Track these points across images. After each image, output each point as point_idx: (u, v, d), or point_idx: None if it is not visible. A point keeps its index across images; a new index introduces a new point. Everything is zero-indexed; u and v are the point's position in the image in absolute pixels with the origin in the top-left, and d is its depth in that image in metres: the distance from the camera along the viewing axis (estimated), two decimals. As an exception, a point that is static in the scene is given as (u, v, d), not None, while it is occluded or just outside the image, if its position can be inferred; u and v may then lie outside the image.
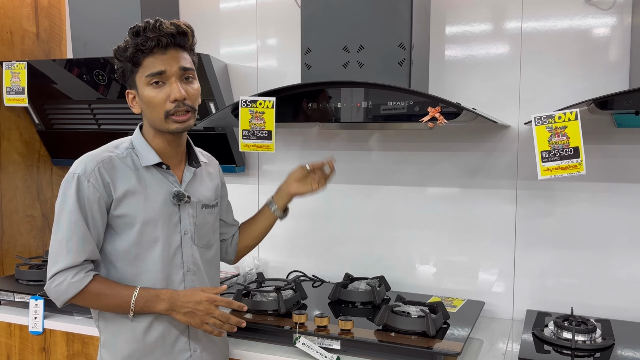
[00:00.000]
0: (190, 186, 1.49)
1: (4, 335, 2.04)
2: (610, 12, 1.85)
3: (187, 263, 1.47)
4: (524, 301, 1.99)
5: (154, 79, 1.35)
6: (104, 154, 1.41)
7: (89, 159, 1.39)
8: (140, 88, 1.38)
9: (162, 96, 1.36)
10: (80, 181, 1.36)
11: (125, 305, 1.36)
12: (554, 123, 1.43)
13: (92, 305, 1.40)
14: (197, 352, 1.48)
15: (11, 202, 2.49)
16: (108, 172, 1.38)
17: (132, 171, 1.41)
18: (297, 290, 1.94)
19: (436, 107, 1.59)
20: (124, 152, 1.43)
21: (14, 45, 2.46)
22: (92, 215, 1.36)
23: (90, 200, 1.36)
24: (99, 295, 1.36)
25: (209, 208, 1.54)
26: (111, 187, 1.37)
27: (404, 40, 1.73)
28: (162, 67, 1.35)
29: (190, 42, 1.41)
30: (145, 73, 1.36)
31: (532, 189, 1.97)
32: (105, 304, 1.38)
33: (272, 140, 1.79)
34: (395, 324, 1.64)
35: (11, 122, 2.48)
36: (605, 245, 1.89)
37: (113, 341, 1.44)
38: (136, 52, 1.35)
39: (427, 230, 2.12)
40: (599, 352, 1.56)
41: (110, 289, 1.37)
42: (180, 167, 1.50)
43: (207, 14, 2.39)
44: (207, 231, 1.54)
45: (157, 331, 1.43)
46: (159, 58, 1.35)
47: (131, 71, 1.39)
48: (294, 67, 2.23)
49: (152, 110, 1.38)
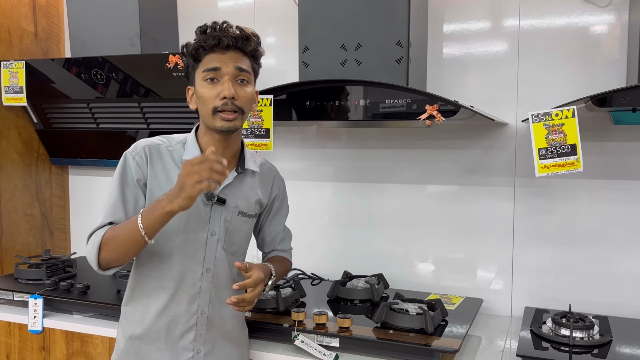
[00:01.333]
0: (229, 190, 1.49)
1: (4, 334, 2.04)
2: (608, 9, 1.85)
3: (208, 263, 1.47)
4: (522, 298, 2.00)
5: (209, 74, 1.39)
6: (156, 141, 1.48)
7: (141, 142, 1.47)
8: (197, 83, 1.42)
9: (213, 93, 1.39)
10: (127, 159, 1.44)
11: (135, 228, 1.31)
12: (551, 120, 1.44)
13: (115, 250, 1.36)
14: (200, 354, 1.48)
15: (10, 201, 2.49)
16: (152, 155, 1.44)
17: (174, 163, 1.45)
18: (296, 288, 1.95)
19: (434, 105, 1.59)
20: (175, 146, 1.48)
21: (12, 44, 2.46)
22: (132, 190, 1.42)
23: (132, 174, 1.42)
24: (114, 237, 1.36)
25: (246, 217, 1.54)
26: (149, 169, 1.43)
27: (401, 38, 1.73)
28: (217, 64, 1.38)
29: (252, 48, 1.44)
30: (202, 68, 1.40)
31: (530, 187, 1.97)
32: (121, 240, 1.35)
33: (270, 139, 1.80)
34: (393, 322, 1.65)
35: (10, 121, 2.48)
36: (603, 242, 1.90)
37: (125, 320, 1.50)
38: (198, 48, 1.39)
39: (425, 228, 2.13)
40: (596, 349, 1.57)
41: (120, 226, 1.38)
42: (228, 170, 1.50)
43: (205, 12, 2.39)
44: (239, 239, 1.54)
45: (163, 321, 1.45)
46: (218, 57, 1.39)
47: (192, 67, 1.43)
48: (292, 65, 2.23)
49: (203, 105, 1.42)
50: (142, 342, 1.47)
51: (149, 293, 1.46)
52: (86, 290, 2.00)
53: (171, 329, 1.46)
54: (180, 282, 1.45)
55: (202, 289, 1.47)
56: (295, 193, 2.30)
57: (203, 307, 1.47)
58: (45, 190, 2.67)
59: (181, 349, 1.47)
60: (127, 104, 2.27)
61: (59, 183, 2.73)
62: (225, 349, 1.53)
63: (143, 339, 1.47)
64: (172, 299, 1.45)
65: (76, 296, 1.98)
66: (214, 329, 1.50)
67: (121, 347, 1.50)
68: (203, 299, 1.47)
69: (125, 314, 1.51)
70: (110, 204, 1.42)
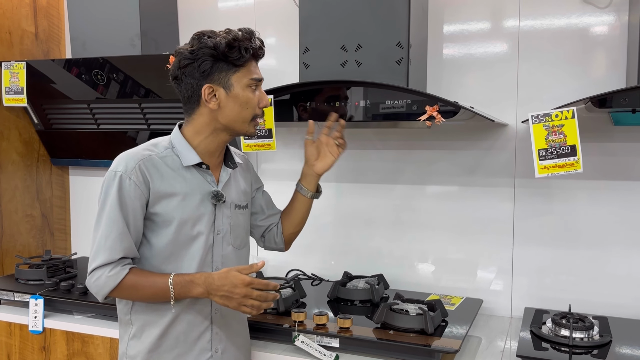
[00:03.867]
0: (226, 187, 1.51)
1: (4, 334, 2.04)
2: (608, 10, 1.85)
3: (216, 262, 1.48)
4: (522, 299, 2.00)
5: (256, 83, 1.44)
6: (144, 152, 1.43)
7: (129, 157, 1.41)
8: (238, 88, 1.42)
9: (256, 100, 1.45)
10: (122, 179, 1.37)
11: (163, 294, 1.36)
12: (551, 121, 1.44)
13: (132, 296, 1.41)
14: (218, 352, 1.49)
15: (11, 201, 2.49)
16: (148, 170, 1.40)
17: (172, 170, 1.43)
18: (296, 289, 1.95)
19: (434, 105, 1.59)
20: (164, 152, 1.45)
21: (13, 45, 2.46)
22: (133, 214, 1.38)
23: (131, 198, 1.37)
24: (135, 286, 1.37)
25: (241, 209, 1.56)
26: (150, 184, 1.40)
27: (401, 39, 1.73)
28: (261, 76, 1.46)
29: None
30: (250, 76, 1.43)
31: (530, 187, 1.97)
32: (143, 294, 1.39)
33: (272, 139, 1.80)
34: (393, 322, 1.65)
35: (10, 122, 2.49)
36: (603, 243, 1.90)
37: (141, 332, 1.45)
38: (245, 51, 1.39)
39: (425, 229, 2.13)
40: (596, 349, 1.57)
41: (145, 279, 1.38)
42: (218, 168, 1.52)
43: (205, 13, 2.39)
44: (240, 232, 1.56)
45: (180, 327, 1.44)
46: (256, 66, 1.46)
47: (226, 70, 1.40)
48: (292, 66, 2.23)
49: (243, 110, 1.44)
50: (160, 353, 1.44)
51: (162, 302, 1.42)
52: (87, 290, 2.00)
53: (187, 333, 1.45)
54: None
55: None
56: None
57: (216, 306, 1.48)
58: (46, 190, 2.67)
59: (199, 350, 1.47)
60: (127, 105, 2.27)
61: (60, 183, 2.73)
62: (234, 344, 1.55)
63: (162, 349, 1.44)
64: (186, 304, 1.44)
65: (77, 296, 1.98)
66: (226, 326, 1.52)
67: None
68: None
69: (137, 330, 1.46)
70: (116, 234, 1.36)
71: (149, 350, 1.44)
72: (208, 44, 1.38)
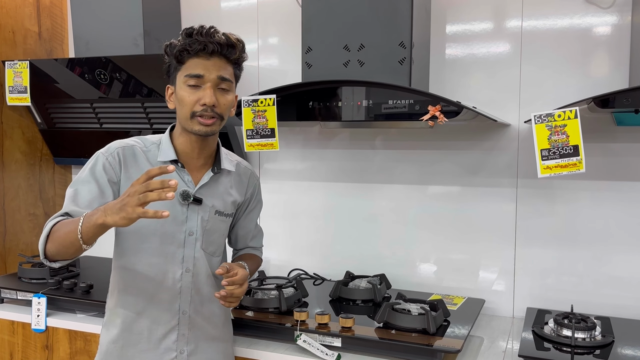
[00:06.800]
0: (205, 189, 1.50)
1: (7, 333, 2.05)
2: (610, 10, 1.85)
3: (187, 263, 1.48)
4: (524, 299, 2.00)
5: (191, 80, 1.39)
6: (130, 142, 1.48)
7: (115, 143, 1.47)
8: (178, 85, 1.43)
9: (194, 98, 1.40)
10: (99, 158, 1.44)
11: (75, 229, 1.25)
12: (553, 121, 1.44)
13: (57, 245, 1.31)
14: (184, 354, 1.49)
15: (14, 200, 2.50)
16: (125, 158, 1.44)
17: (150, 164, 1.45)
18: (298, 288, 1.95)
19: (436, 105, 1.59)
20: (149, 147, 1.49)
21: (16, 44, 2.47)
22: (93, 184, 1.40)
23: (101, 171, 1.41)
24: (58, 231, 1.30)
25: (222, 216, 1.55)
26: (122, 170, 1.43)
27: (404, 39, 1.73)
28: (201, 72, 1.39)
29: (237, 56, 1.45)
30: (185, 73, 1.40)
31: (533, 187, 1.97)
32: (62, 238, 1.29)
33: (275, 138, 1.80)
34: (395, 322, 1.65)
35: (14, 121, 2.49)
36: (605, 243, 1.90)
37: (109, 322, 1.49)
38: (183, 50, 1.40)
39: (427, 229, 2.13)
40: (598, 350, 1.57)
41: (65, 223, 1.31)
42: (202, 171, 1.51)
43: (208, 13, 2.40)
44: (217, 238, 1.55)
45: (144, 323, 1.46)
46: (202, 62, 1.39)
47: (175, 68, 1.44)
48: (294, 66, 2.24)
49: (181, 107, 1.43)
50: (123, 345, 1.46)
51: (128, 294, 1.46)
52: (89, 289, 2.01)
53: (152, 330, 1.46)
54: (160, 283, 1.46)
55: (182, 289, 1.47)
56: (298, 193, 2.32)
57: (184, 307, 1.48)
58: (49, 189, 2.68)
59: (164, 349, 1.47)
60: (130, 104, 2.27)
61: (62, 182, 2.74)
62: (208, 348, 1.54)
63: (124, 342, 1.46)
64: (151, 299, 1.45)
65: (79, 295, 1.98)
66: (197, 329, 1.51)
67: (103, 350, 1.50)
68: (184, 299, 1.48)
69: (106, 320, 1.51)
70: (70, 197, 1.40)
71: (112, 341, 1.47)
72: (168, 43, 1.43)
